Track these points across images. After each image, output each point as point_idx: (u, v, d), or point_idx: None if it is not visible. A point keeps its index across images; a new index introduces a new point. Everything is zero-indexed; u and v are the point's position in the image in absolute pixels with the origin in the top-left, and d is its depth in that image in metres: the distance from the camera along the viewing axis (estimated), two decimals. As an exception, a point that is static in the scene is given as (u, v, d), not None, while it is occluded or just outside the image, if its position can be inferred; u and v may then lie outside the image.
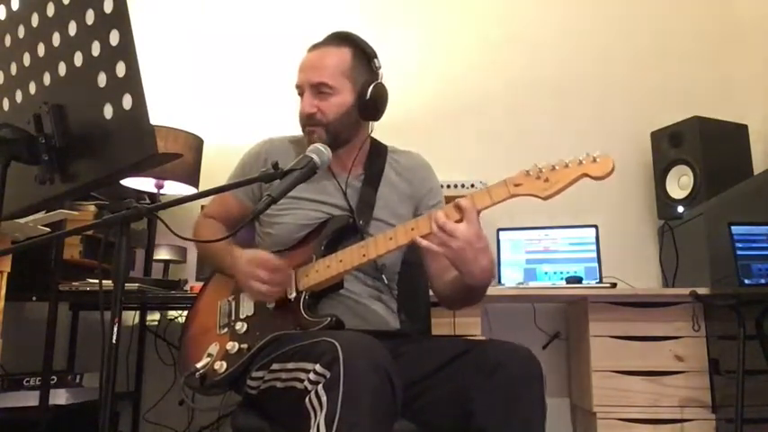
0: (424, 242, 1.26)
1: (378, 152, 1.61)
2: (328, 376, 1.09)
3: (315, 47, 1.53)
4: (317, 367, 1.11)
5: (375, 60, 1.53)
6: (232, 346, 1.38)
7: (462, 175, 2.68)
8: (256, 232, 1.63)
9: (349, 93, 1.49)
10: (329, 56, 1.50)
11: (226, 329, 1.44)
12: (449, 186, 2.61)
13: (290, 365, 1.21)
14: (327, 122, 1.48)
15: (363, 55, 1.52)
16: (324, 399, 1.07)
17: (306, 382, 1.14)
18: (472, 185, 2.61)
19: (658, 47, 3.13)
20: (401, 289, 1.63)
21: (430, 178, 1.65)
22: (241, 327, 1.41)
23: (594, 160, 1.22)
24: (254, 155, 1.61)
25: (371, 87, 1.49)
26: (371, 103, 1.51)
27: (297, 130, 1.68)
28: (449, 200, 1.36)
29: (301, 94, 1.51)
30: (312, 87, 1.48)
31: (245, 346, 1.37)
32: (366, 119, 1.55)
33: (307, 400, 1.11)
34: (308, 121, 1.49)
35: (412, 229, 1.31)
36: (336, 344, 1.11)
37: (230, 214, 1.61)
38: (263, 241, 1.58)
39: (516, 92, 3.11)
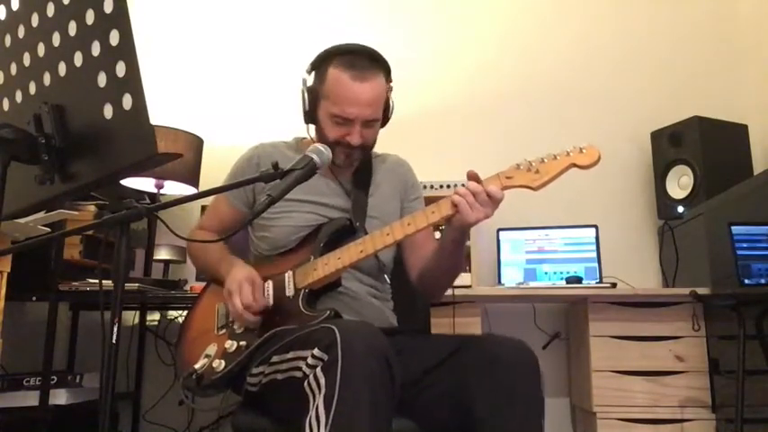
0: (465, 204, 1.28)
1: (365, 155, 1.63)
2: (326, 359, 1.10)
3: (361, 77, 1.46)
4: (315, 351, 1.12)
5: (390, 75, 1.55)
6: (230, 345, 1.38)
7: (457, 174, 2.67)
8: (249, 238, 1.64)
9: (381, 115, 1.53)
10: (379, 89, 1.49)
11: (224, 330, 1.44)
12: (449, 186, 2.61)
13: (289, 355, 1.22)
14: (368, 147, 1.54)
15: (388, 75, 1.54)
16: (322, 381, 1.08)
17: (304, 368, 1.14)
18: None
19: (658, 47, 3.13)
20: (395, 287, 1.64)
21: (411, 175, 1.71)
22: (239, 326, 1.42)
23: (581, 151, 1.28)
24: (246, 159, 1.62)
25: (391, 108, 1.56)
26: (389, 118, 1.58)
27: (295, 130, 1.68)
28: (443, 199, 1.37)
29: (344, 122, 1.47)
30: (363, 122, 1.48)
31: (243, 343, 1.37)
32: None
33: (305, 383, 1.12)
34: (351, 148, 1.49)
35: (408, 224, 1.34)
36: (334, 328, 1.13)
37: (224, 223, 1.61)
38: (258, 245, 1.58)
39: (516, 92, 3.11)
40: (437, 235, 1.68)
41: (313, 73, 1.54)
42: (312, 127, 1.57)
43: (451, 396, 1.24)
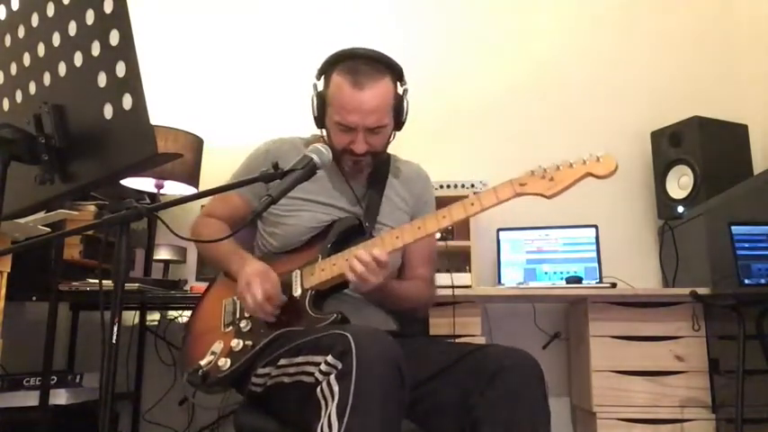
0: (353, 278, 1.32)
1: (381, 159, 1.61)
2: (340, 367, 1.10)
3: (362, 84, 1.42)
4: (329, 358, 1.12)
5: (404, 78, 1.53)
6: (236, 344, 1.38)
7: (463, 174, 2.68)
8: (258, 232, 1.63)
9: (392, 120, 1.51)
10: (382, 95, 1.45)
11: (230, 327, 1.44)
12: (448, 186, 2.61)
13: (299, 359, 1.21)
14: (376, 153, 1.51)
15: (399, 79, 1.51)
16: (336, 389, 1.08)
17: (317, 374, 1.14)
18: (472, 185, 2.62)
19: (658, 47, 3.13)
20: None
21: (428, 190, 1.68)
22: (246, 325, 1.41)
23: (598, 160, 1.25)
24: (261, 153, 1.60)
25: (406, 110, 1.52)
26: (404, 121, 1.54)
27: (298, 130, 1.68)
28: (449, 200, 1.36)
29: (348, 130, 1.46)
30: (367, 129, 1.45)
31: (249, 343, 1.37)
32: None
33: (318, 390, 1.11)
34: (357, 155, 1.47)
35: (419, 228, 1.34)
36: (349, 336, 1.12)
37: (235, 213, 1.60)
38: (266, 241, 1.58)
39: (517, 92, 3.11)
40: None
41: (322, 78, 1.52)
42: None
43: (454, 404, 1.24)
